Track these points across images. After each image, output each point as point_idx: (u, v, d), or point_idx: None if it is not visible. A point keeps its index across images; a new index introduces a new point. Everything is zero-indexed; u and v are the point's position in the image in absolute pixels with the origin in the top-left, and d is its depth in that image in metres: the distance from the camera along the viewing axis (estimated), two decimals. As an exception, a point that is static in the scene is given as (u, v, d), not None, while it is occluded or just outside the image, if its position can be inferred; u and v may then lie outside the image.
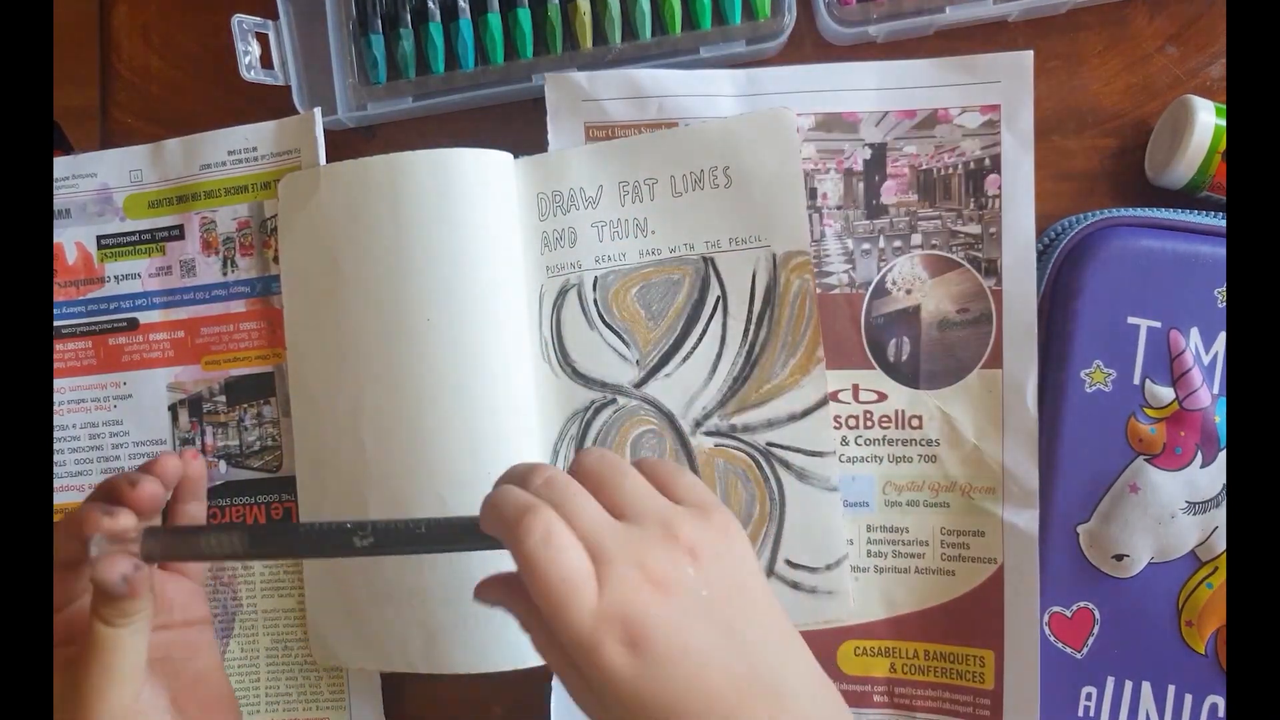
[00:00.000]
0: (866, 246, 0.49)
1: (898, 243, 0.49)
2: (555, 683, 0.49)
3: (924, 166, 0.48)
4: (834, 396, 0.49)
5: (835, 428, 0.49)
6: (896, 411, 0.49)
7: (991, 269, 0.48)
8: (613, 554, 0.31)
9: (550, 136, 0.50)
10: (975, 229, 0.48)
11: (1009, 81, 0.47)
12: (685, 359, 0.49)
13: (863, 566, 0.49)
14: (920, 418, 0.49)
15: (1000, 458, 0.47)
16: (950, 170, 0.48)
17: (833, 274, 0.49)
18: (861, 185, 0.49)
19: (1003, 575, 0.47)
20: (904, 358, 0.49)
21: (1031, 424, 0.47)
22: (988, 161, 0.48)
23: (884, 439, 0.49)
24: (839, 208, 0.49)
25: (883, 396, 0.49)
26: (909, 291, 0.49)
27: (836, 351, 0.49)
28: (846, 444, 0.49)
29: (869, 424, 0.49)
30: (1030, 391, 0.47)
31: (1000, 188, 0.47)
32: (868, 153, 0.49)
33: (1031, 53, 0.47)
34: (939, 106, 0.48)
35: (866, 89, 0.48)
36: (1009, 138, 0.47)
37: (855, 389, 0.49)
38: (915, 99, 0.48)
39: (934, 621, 0.49)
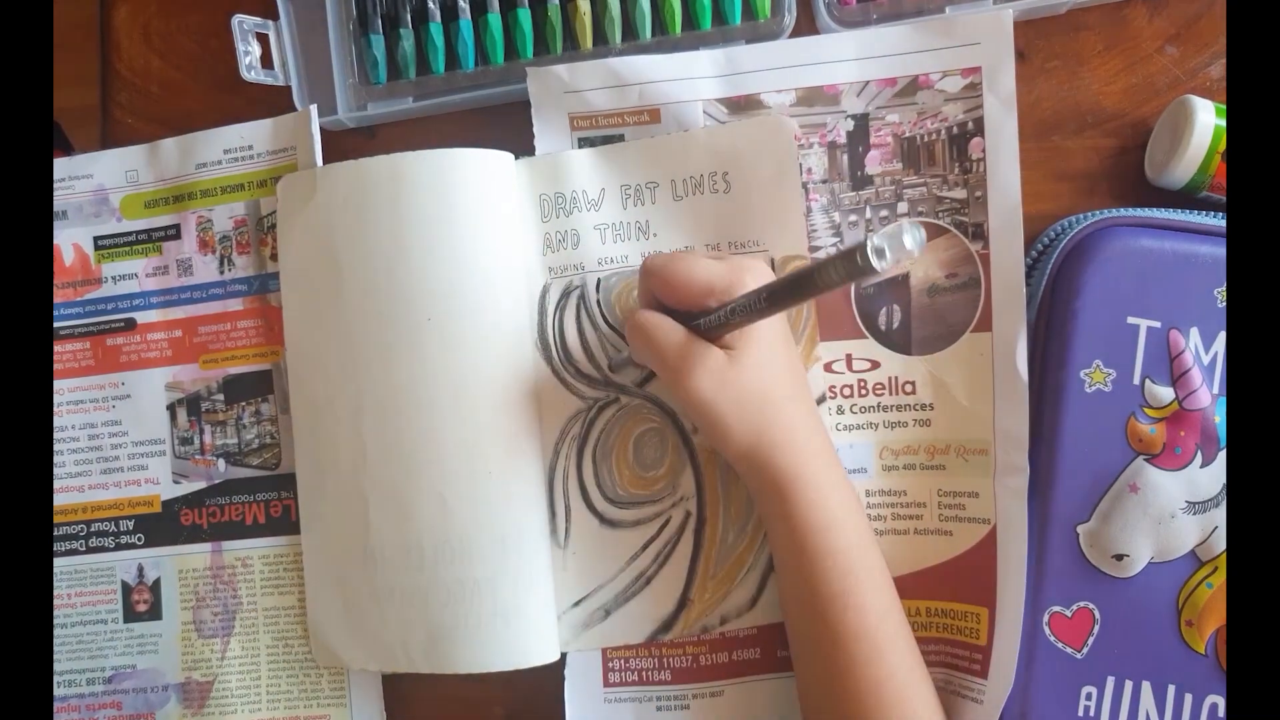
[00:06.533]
0: (853, 218, 0.49)
1: (884, 212, 0.49)
2: (568, 680, 0.50)
3: (907, 134, 0.49)
4: (828, 367, 0.49)
5: (830, 397, 0.49)
6: (890, 378, 0.49)
7: (978, 232, 0.48)
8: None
9: (535, 129, 0.50)
10: (961, 193, 0.48)
11: (989, 42, 0.47)
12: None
13: None
14: (913, 383, 0.49)
15: (991, 419, 0.47)
16: (934, 136, 0.48)
17: (821, 248, 0.49)
18: (845, 157, 0.49)
19: (995, 536, 0.47)
20: (895, 325, 0.49)
21: (1021, 386, 0.46)
22: (970, 125, 0.48)
23: (879, 405, 0.49)
24: (824, 181, 0.49)
25: (875, 364, 0.49)
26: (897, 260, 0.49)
27: (828, 323, 0.49)
28: (842, 413, 0.49)
29: (863, 392, 0.49)
30: (1020, 353, 0.46)
31: (984, 150, 0.47)
32: (850, 124, 0.49)
33: (1011, 11, 0.47)
34: (920, 73, 0.48)
35: (846, 60, 0.48)
36: (991, 99, 0.47)
37: (848, 358, 0.49)
38: (895, 66, 0.48)
39: (934, 580, 0.49)
